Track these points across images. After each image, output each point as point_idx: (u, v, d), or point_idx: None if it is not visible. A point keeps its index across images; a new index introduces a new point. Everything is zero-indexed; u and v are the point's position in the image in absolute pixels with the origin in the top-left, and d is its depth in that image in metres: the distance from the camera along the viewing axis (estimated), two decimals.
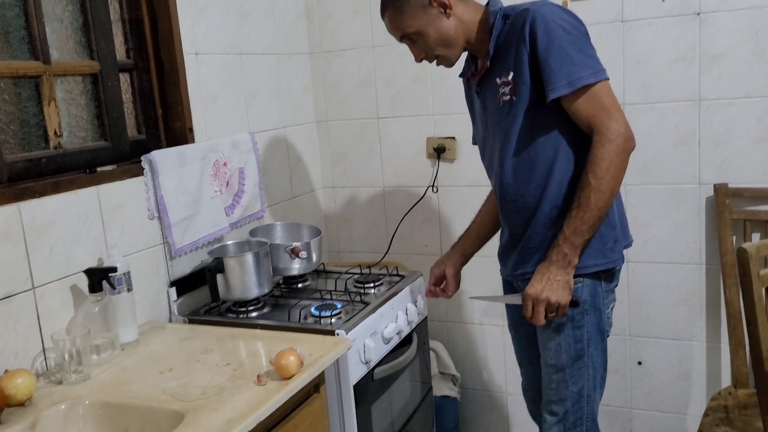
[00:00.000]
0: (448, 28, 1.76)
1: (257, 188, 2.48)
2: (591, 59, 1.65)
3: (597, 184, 1.60)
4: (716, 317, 2.47)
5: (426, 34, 1.77)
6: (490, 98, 1.80)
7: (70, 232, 1.78)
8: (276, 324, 1.99)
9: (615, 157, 1.60)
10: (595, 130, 1.62)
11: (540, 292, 1.67)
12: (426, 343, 2.45)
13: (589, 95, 1.62)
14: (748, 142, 2.32)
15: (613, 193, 1.64)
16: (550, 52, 1.62)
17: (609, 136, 1.60)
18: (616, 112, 1.63)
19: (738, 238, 2.37)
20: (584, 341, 1.77)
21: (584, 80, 1.61)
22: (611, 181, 1.61)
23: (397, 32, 1.81)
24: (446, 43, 1.79)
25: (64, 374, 1.60)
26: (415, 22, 1.75)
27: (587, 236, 1.65)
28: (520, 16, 1.69)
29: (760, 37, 2.24)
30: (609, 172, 1.60)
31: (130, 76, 2.13)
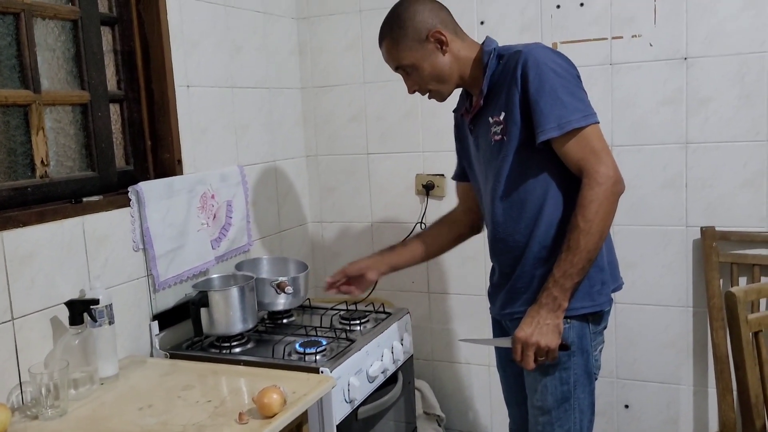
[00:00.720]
0: (443, 64, 1.77)
1: (245, 221, 2.46)
2: (581, 102, 1.66)
3: (586, 226, 1.60)
4: (703, 361, 2.46)
5: (421, 68, 1.78)
6: (483, 137, 1.81)
7: (53, 263, 1.75)
8: (259, 360, 1.96)
9: (604, 200, 1.60)
10: (585, 173, 1.62)
11: (529, 336, 1.66)
12: (411, 383, 2.42)
13: (578, 138, 1.63)
14: (734, 186, 2.33)
15: (603, 236, 1.64)
16: (541, 94, 1.63)
17: (598, 179, 1.60)
18: (605, 156, 1.63)
19: (725, 282, 2.37)
20: (571, 383, 1.75)
21: (574, 123, 1.62)
22: (600, 223, 1.61)
23: (392, 62, 1.83)
24: (440, 79, 1.80)
25: (40, 409, 1.56)
26: (411, 55, 1.77)
27: (577, 279, 1.64)
28: (513, 57, 1.70)
29: (746, 83, 2.28)
30: (598, 215, 1.60)
31: (120, 107, 2.13)
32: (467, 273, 2.73)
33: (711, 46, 2.30)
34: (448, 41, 1.76)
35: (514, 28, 2.54)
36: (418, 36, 1.75)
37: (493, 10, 2.56)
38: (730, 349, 2.16)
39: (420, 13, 1.76)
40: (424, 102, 2.65)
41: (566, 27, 2.47)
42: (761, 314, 1.64)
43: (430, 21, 1.75)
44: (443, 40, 1.75)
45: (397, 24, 1.77)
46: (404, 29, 1.76)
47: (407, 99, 2.74)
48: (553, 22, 2.48)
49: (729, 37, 2.28)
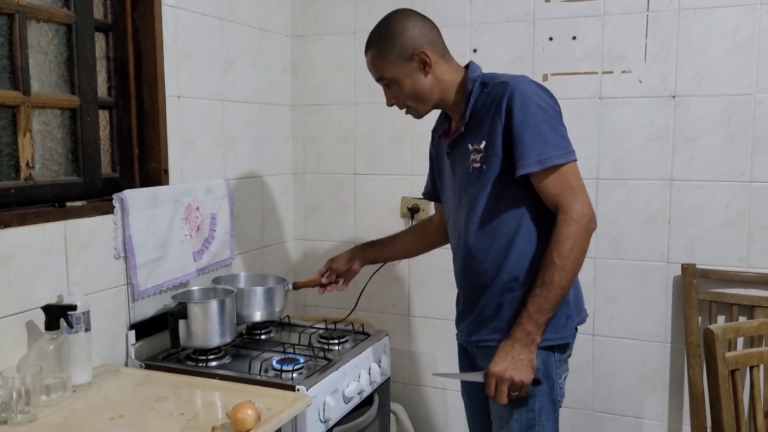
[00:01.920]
0: (423, 84, 1.78)
1: (228, 235, 2.45)
2: (563, 140, 1.68)
3: (561, 263, 1.62)
4: (679, 397, 2.46)
5: (401, 83, 1.78)
6: (460, 162, 1.82)
7: (32, 266, 1.73)
8: (235, 375, 1.94)
9: (579, 237, 1.63)
10: (561, 209, 1.64)
11: (504, 371, 1.65)
12: (387, 405, 2.40)
13: (557, 174, 1.65)
14: (716, 225, 2.36)
15: (576, 273, 1.66)
16: (525, 128, 1.64)
17: (573, 216, 1.63)
18: (581, 194, 1.66)
19: (703, 319, 2.39)
20: (536, 411, 1.75)
21: (555, 160, 1.64)
22: (575, 261, 1.63)
23: (374, 72, 1.83)
24: (418, 98, 1.80)
25: (9, 414, 1.53)
26: (394, 69, 1.77)
27: (550, 315, 1.66)
28: (499, 88, 1.71)
29: (732, 123, 2.31)
30: (573, 251, 1.62)
31: (109, 114, 2.12)
32: (448, 298, 2.72)
33: (699, 86, 2.34)
34: (432, 63, 1.76)
35: (506, 58, 2.56)
36: (403, 52, 1.75)
37: (487, 38, 2.59)
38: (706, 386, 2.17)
39: (410, 30, 1.76)
40: (412, 126, 2.68)
41: (557, 59, 2.51)
42: (739, 353, 1.64)
43: (418, 40, 1.75)
44: (427, 62, 1.75)
45: (386, 36, 1.77)
46: (391, 42, 1.76)
47: (396, 122, 2.75)
48: (545, 54, 2.52)
49: (717, 78, 2.32)
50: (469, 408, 2.04)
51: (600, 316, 2.54)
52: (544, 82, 2.52)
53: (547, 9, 2.50)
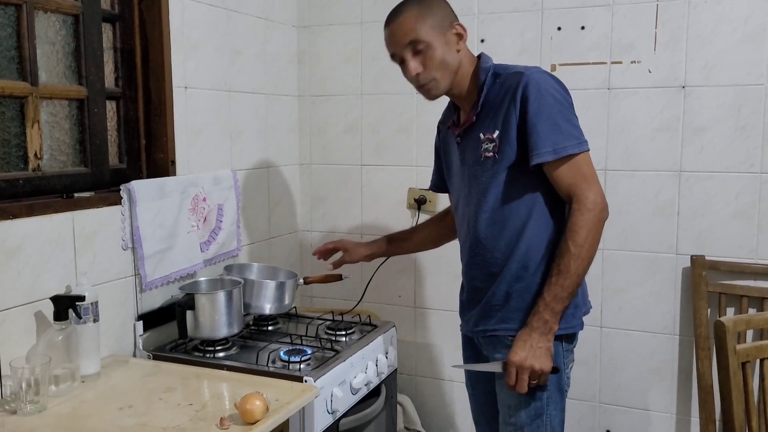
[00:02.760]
0: (453, 57, 1.76)
1: (235, 226, 2.45)
2: (576, 130, 1.69)
3: (577, 251, 1.63)
4: (687, 389, 2.46)
5: (435, 49, 1.73)
6: (470, 151, 1.81)
7: (41, 257, 1.73)
8: (243, 366, 1.94)
9: (593, 226, 1.64)
10: (575, 198, 1.66)
11: (524, 360, 1.66)
12: (394, 397, 2.40)
13: (571, 164, 1.66)
14: (725, 216, 2.35)
15: (590, 261, 1.67)
16: (540, 118, 1.65)
17: (588, 204, 1.64)
18: (594, 183, 1.67)
19: (712, 311, 2.38)
20: (544, 400, 1.75)
21: (569, 149, 1.65)
22: (590, 249, 1.64)
23: (408, 35, 1.73)
24: (445, 69, 1.75)
25: (19, 404, 1.54)
26: (432, 33, 1.73)
27: (566, 303, 1.67)
28: (513, 78, 1.72)
29: (742, 114, 2.29)
30: (588, 240, 1.63)
31: (116, 105, 2.12)
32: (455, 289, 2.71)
33: (709, 76, 2.32)
34: (465, 38, 1.78)
35: (515, 48, 2.55)
36: (443, 21, 1.75)
37: (495, 28, 2.57)
38: (715, 378, 2.16)
39: (446, 6, 1.79)
40: (419, 116, 2.67)
41: (566, 50, 2.49)
42: (749, 345, 1.64)
43: (453, 15, 1.78)
44: (463, 36, 1.77)
45: (427, 2, 1.75)
46: (432, 9, 1.75)
47: (403, 113, 2.74)
48: (553, 44, 2.50)
49: (727, 69, 2.30)
50: (474, 398, 2.04)
51: (608, 308, 2.53)
52: (552, 72, 2.50)
53: None
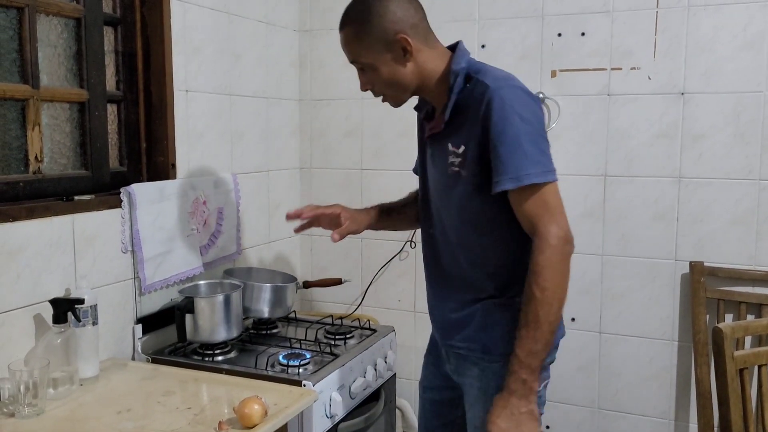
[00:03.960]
0: (403, 73, 1.60)
1: (234, 230, 2.45)
2: (544, 156, 1.51)
3: (543, 296, 1.45)
4: (686, 395, 2.46)
5: (378, 70, 1.61)
6: (439, 159, 1.67)
7: (40, 260, 1.73)
8: (242, 370, 1.94)
9: (556, 263, 1.46)
10: (536, 233, 1.49)
11: (509, 427, 1.47)
12: (393, 401, 2.40)
13: (534, 194, 1.49)
14: (725, 223, 2.35)
15: (561, 303, 1.49)
16: (503, 140, 1.48)
17: (549, 240, 1.46)
18: (559, 215, 1.50)
19: (711, 317, 2.38)
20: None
21: (533, 178, 1.48)
22: (556, 290, 1.46)
23: (349, 55, 1.64)
24: (396, 87, 1.63)
25: (17, 407, 1.54)
26: (371, 54, 1.59)
27: (543, 355, 1.49)
28: (480, 89, 1.54)
29: (741, 121, 2.30)
30: (552, 280, 1.46)
31: (117, 108, 2.12)
32: None
33: (708, 83, 2.33)
34: (413, 51, 1.58)
35: (515, 54, 2.56)
36: (383, 37, 1.57)
37: (495, 34, 2.58)
38: (713, 384, 2.16)
39: (392, 11, 1.57)
40: None
41: (566, 56, 2.49)
42: (747, 351, 1.64)
43: (400, 24, 1.57)
44: (408, 50, 1.58)
45: (365, 17, 1.58)
46: (370, 25, 1.57)
47: (403, 118, 2.74)
48: (553, 50, 2.51)
49: (727, 76, 2.30)
50: (421, 402, 1.94)
51: (607, 314, 2.53)
52: (552, 78, 2.51)
53: (556, 5, 2.49)
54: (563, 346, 2.63)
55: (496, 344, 1.63)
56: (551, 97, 2.52)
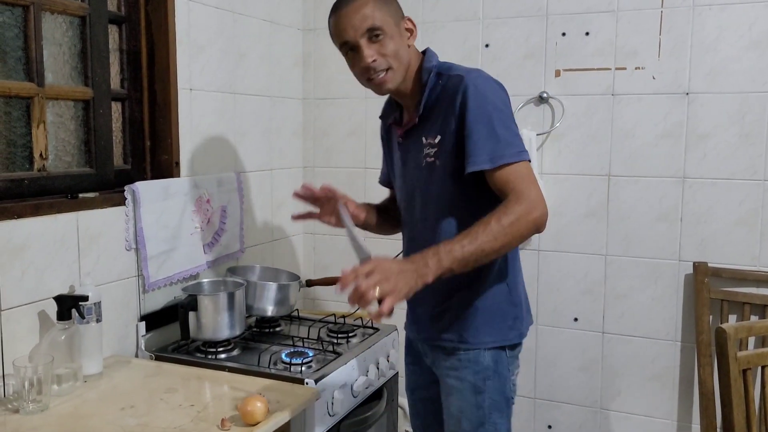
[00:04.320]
0: (405, 51, 1.69)
1: (238, 228, 2.46)
2: (516, 138, 1.59)
3: (497, 229, 1.47)
4: (689, 396, 2.45)
5: (391, 38, 1.66)
6: (413, 154, 1.74)
7: (45, 257, 1.74)
8: (245, 368, 1.94)
9: (522, 218, 1.49)
10: (514, 193, 1.53)
11: (387, 270, 1.40)
12: (395, 400, 2.40)
13: (509, 171, 1.55)
14: (729, 223, 2.35)
15: (501, 251, 1.51)
16: (477, 125, 1.57)
17: (528, 198, 1.51)
18: (535, 187, 1.55)
19: (714, 318, 2.38)
20: (485, 407, 1.69)
21: (507, 158, 1.55)
22: (508, 236, 1.48)
23: (367, 21, 1.63)
24: (400, 61, 1.68)
25: (21, 403, 1.54)
26: (390, 22, 1.66)
27: (456, 267, 1.47)
28: (454, 81, 1.64)
29: (746, 121, 2.29)
30: (512, 227, 1.48)
31: (122, 106, 2.13)
32: None
33: (713, 83, 2.32)
34: (413, 36, 1.72)
35: (519, 53, 2.56)
36: (398, 13, 1.70)
37: (499, 33, 2.58)
38: (716, 385, 2.16)
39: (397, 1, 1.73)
40: None
41: (570, 55, 2.49)
42: (751, 352, 1.63)
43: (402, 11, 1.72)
44: (413, 30, 1.72)
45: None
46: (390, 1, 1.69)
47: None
48: (558, 49, 2.50)
49: (731, 76, 2.30)
50: (412, 405, 1.98)
51: (610, 314, 2.53)
52: (556, 77, 2.51)
53: (560, 4, 2.49)
54: (566, 347, 2.64)
55: (472, 333, 1.70)
56: (555, 97, 2.52)
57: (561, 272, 2.59)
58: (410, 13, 2.71)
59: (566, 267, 2.58)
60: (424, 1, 2.68)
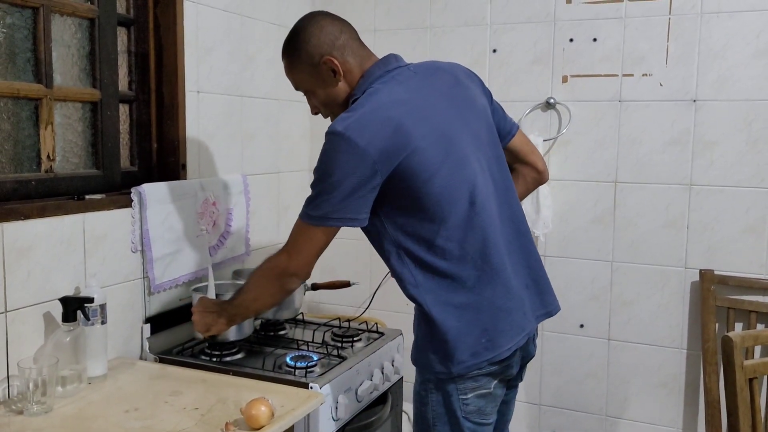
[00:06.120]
0: (336, 93, 1.68)
1: (244, 231, 2.46)
2: (317, 198, 1.56)
3: (251, 280, 1.75)
4: (694, 404, 2.44)
5: (315, 93, 1.70)
6: None
7: (51, 258, 1.74)
8: (249, 371, 1.94)
9: (267, 272, 1.71)
10: (282, 247, 1.68)
11: (197, 312, 1.84)
12: (400, 405, 2.40)
13: (294, 225, 1.66)
14: (735, 231, 2.34)
15: (258, 301, 1.76)
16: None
17: (279, 254, 1.67)
18: (294, 252, 1.64)
19: (720, 326, 2.37)
20: (429, 419, 1.63)
21: (300, 213, 1.61)
22: (258, 288, 1.74)
23: (291, 82, 1.75)
24: (333, 106, 1.71)
25: (26, 404, 1.54)
26: (305, 78, 1.69)
27: (235, 314, 1.81)
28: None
29: (753, 129, 2.29)
30: (260, 279, 1.73)
31: (129, 108, 2.13)
32: None
33: (720, 90, 2.32)
34: (342, 71, 1.64)
35: (527, 59, 2.55)
36: (311, 60, 1.65)
37: (507, 39, 2.58)
38: (722, 393, 2.15)
39: (315, 36, 1.65)
40: None
41: (577, 61, 2.49)
42: (757, 361, 1.63)
43: (325, 46, 1.64)
44: (336, 70, 1.64)
45: (293, 46, 1.68)
46: (299, 52, 1.66)
47: None
48: (565, 55, 2.50)
49: (739, 83, 2.30)
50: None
51: (616, 321, 2.52)
52: (563, 83, 2.51)
53: (568, 10, 2.49)
54: (571, 353, 2.63)
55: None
56: (562, 103, 2.52)
57: (567, 278, 2.58)
58: (417, 18, 2.72)
59: (572, 273, 2.57)
60: (432, 6, 2.68)
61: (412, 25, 2.69)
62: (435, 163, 1.53)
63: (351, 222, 1.56)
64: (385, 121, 1.51)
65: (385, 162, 1.50)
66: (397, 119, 1.52)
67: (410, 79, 1.64)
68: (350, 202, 1.53)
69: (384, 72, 1.64)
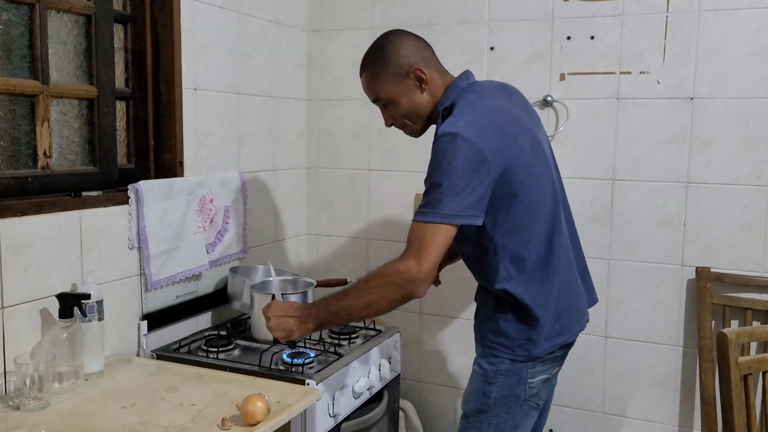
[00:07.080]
0: (420, 101, 1.77)
1: (241, 228, 2.46)
2: (444, 198, 1.57)
3: (363, 286, 1.65)
4: (690, 401, 2.45)
5: (398, 102, 1.78)
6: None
7: (47, 255, 1.74)
8: (246, 368, 1.95)
9: (389, 278, 1.61)
10: (403, 254, 1.61)
11: (272, 318, 1.75)
12: (396, 402, 2.40)
13: (412, 227, 1.61)
14: (732, 228, 2.34)
15: (368, 309, 1.66)
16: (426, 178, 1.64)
17: (404, 260, 1.59)
18: (423, 252, 1.57)
19: (717, 323, 2.37)
20: (492, 397, 1.72)
21: (418, 215, 1.60)
22: (372, 295, 1.64)
23: (371, 94, 1.83)
24: (415, 116, 1.80)
25: (22, 400, 1.55)
26: (390, 89, 1.77)
27: (330, 320, 1.72)
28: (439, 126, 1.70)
29: (750, 127, 2.29)
30: (377, 286, 1.62)
31: (126, 105, 2.13)
32: (459, 296, 2.72)
33: (718, 88, 2.32)
34: (428, 80, 1.75)
35: (524, 57, 2.55)
36: (398, 71, 1.75)
37: (504, 36, 2.58)
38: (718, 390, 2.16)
39: (404, 48, 1.76)
40: None
41: (575, 59, 2.49)
42: (752, 357, 1.63)
43: (412, 58, 1.75)
44: (423, 78, 1.75)
45: (380, 57, 1.77)
46: (386, 62, 1.76)
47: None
48: (563, 53, 2.50)
49: (736, 81, 2.30)
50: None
51: (613, 318, 2.53)
52: (561, 81, 2.51)
53: (566, 8, 2.49)
54: None
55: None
56: (560, 100, 2.52)
57: None
58: (415, 15, 2.72)
59: None
60: (429, 4, 2.68)
61: (410, 22, 2.69)
62: (531, 164, 1.67)
63: (475, 219, 1.61)
64: (494, 123, 1.64)
65: (498, 160, 1.60)
66: (502, 122, 1.65)
67: (496, 91, 1.78)
68: (474, 200, 1.59)
69: (467, 84, 1.77)
